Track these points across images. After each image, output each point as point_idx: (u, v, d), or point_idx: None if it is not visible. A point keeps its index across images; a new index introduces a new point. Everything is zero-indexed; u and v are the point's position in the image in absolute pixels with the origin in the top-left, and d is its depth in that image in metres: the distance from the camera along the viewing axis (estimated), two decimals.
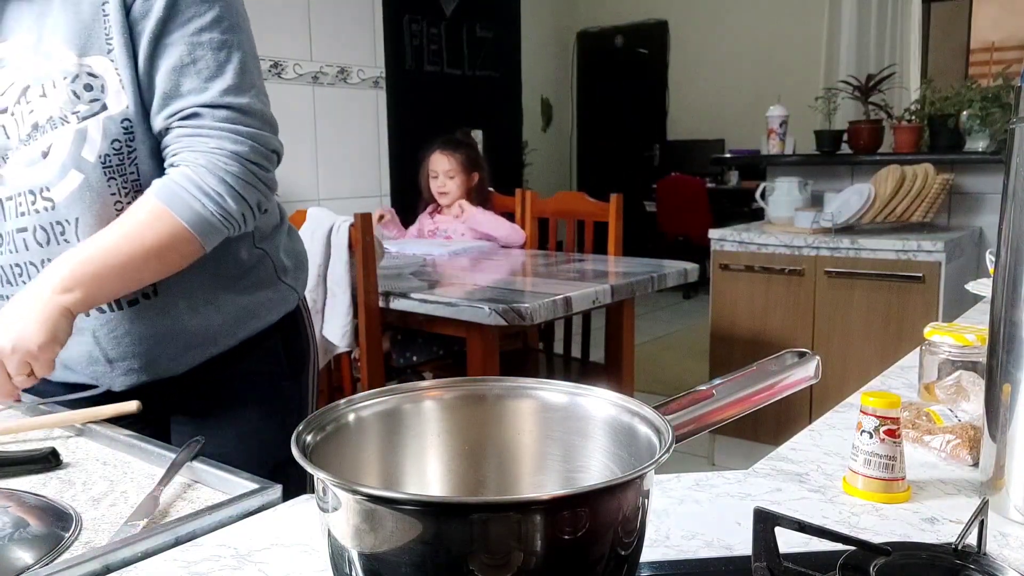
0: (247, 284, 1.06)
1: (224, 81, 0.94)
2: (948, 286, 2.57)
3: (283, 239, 1.13)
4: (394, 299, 2.12)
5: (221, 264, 1.02)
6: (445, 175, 3.04)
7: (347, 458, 0.57)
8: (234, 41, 0.95)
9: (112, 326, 0.99)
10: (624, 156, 7.51)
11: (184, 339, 1.02)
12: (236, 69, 0.94)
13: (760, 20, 6.61)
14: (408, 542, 0.45)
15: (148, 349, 1.01)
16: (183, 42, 0.92)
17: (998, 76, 3.06)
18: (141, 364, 1.01)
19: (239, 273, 1.05)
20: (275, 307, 1.10)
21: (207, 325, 1.03)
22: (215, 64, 0.93)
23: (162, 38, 0.92)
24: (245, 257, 1.05)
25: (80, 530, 0.69)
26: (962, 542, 0.56)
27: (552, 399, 0.62)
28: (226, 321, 1.04)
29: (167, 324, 1.00)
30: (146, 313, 0.99)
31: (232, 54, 0.94)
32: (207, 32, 0.93)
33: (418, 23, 4.18)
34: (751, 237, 2.90)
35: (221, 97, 0.93)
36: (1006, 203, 0.66)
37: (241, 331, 1.06)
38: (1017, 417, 0.67)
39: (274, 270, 1.09)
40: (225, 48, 0.94)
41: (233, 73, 0.94)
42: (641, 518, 0.50)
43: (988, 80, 3.43)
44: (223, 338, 1.05)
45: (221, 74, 0.94)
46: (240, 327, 1.06)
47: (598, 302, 2.15)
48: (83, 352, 1.00)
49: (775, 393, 0.66)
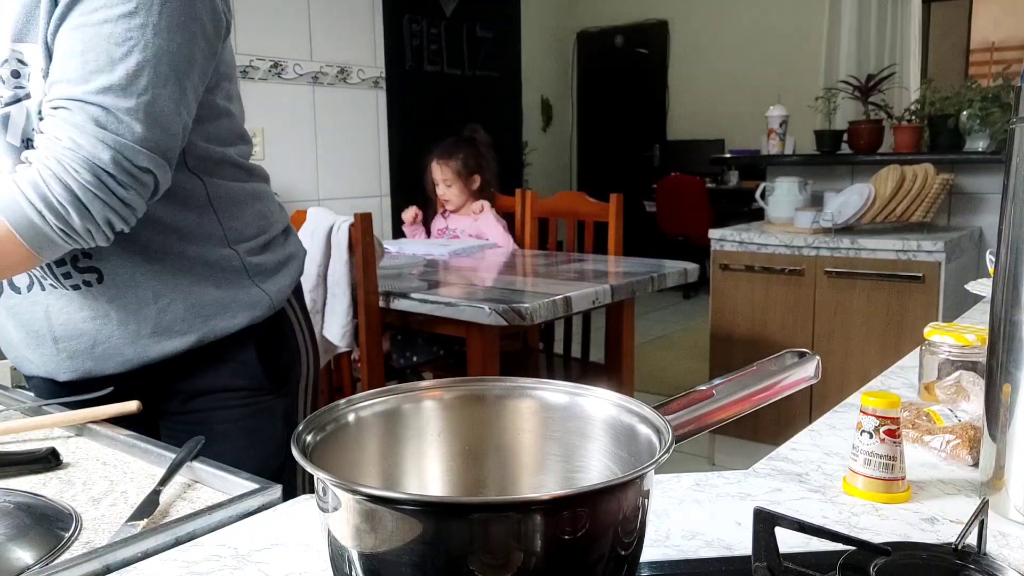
0: (211, 280, 1.01)
1: (109, 78, 0.84)
2: (948, 286, 2.57)
3: (269, 242, 1.09)
4: (394, 299, 2.12)
5: (180, 259, 0.99)
6: (444, 184, 3.04)
7: (347, 458, 0.57)
8: (142, 41, 0.84)
9: (65, 302, 0.97)
10: (624, 156, 7.51)
11: (136, 325, 0.98)
12: (129, 69, 0.84)
13: (760, 20, 6.61)
14: (408, 542, 0.45)
15: (97, 329, 0.98)
16: (81, 30, 0.84)
17: (998, 76, 3.07)
18: (87, 346, 0.99)
19: (204, 268, 1.01)
20: (243, 310, 1.04)
21: (161, 313, 0.99)
22: (106, 59, 0.84)
23: (64, 21, 0.85)
24: (213, 255, 1.01)
25: (80, 530, 0.69)
26: (962, 542, 0.56)
27: (552, 399, 0.62)
28: (180, 315, 1.00)
29: (119, 306, 0.97)
30: (95, 296, 0.97)
31: (132, 53, 0.84)
32: (111, 24, 0.84)
33: (418, 23, 4.18)
34: (751, 237, 2.90)
35: (98, 95, 0.83)
36: (1006, 203, 0.66)
37: (200, 326, 1.01)
38: (1017, 417, 0.67)
39: (245, 272, 1.04)
40: (126, 44, 0.84)
41: (124, 73, 0.84)
42: (641, 518, 0.50)
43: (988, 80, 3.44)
44: (180, 331, 1.00)
45: (109, 70, 0.84)
46: (199, 322, 1.01)
47: (598, 302, 2.15)
48: (32, 330, 1.00)
49: (775, 393, 0.66)
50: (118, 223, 0.88)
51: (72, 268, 0.96)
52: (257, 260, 1.06)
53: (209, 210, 1.01)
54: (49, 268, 0.96)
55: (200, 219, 1.01)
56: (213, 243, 1.02)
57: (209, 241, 1.01)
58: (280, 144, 3.44)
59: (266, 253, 1.08)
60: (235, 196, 1.04)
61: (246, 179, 1.07)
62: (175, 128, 0.89)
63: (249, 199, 1.07)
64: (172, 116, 0.88)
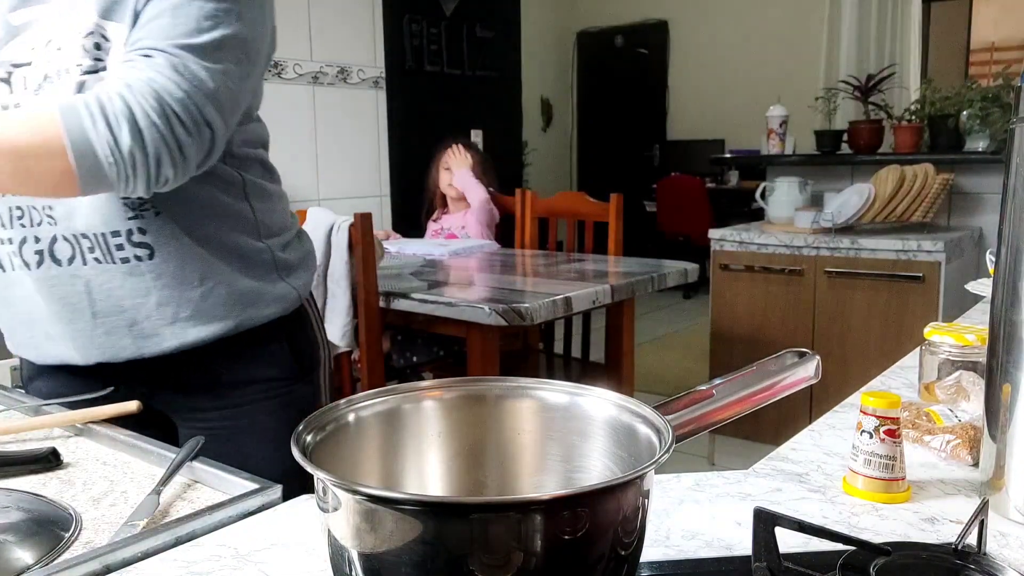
0: (247, 271, 1.05)
1: (193, 40, 0.87)
2: (948, 286, 2.57)
3: (291, 240, 1.13)
4: (394, 299, 2.12)
5: (222, 247, 1.02)
6: (455, 166, 3.06)
7: (347, 458, 0.57)
8: (226, 22, 0.89)
9: (107, 277, 0.97)
10: (624, 156, 7.51)
11: (176, 307, 0.99)
12: (213, 40, 0.88)
13: (760, 20, 6.61)
14: (408, 542, 0.45)
15: (137, 307, 0.98)
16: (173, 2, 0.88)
17: (998, 76, 3.07)
18: (126, 323, 0.99)
19: (240, 260, 1.04)
20: (273, 303, 1.08)
21: (204, 297, 1.00)
22: (194, 26, 0.87)
23: None
24: (248, 248, 1.05)
25: (80, 530, 0.69)
26: (962, 542, 0.56)
27: (552, 399, 0.62)
28: (221, 300, 1.02)
29: (164, 285, 0.98)
30: (142, 272, 0.98)
31: (216, 28, 0.88)
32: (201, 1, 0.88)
33: (418, 23, 4.18)
34: (751, 237, 2.90)
35: (180, 49, 0.86)
36: (1006, 203, 0.66)
37: (237, 314, 1.04)
38: (1017, 417, 0.67)
39: (274, 266, 1.09)
40: (212, 20, 0.88)
41: (207, 40, 0.88)
42: (641, 518, 0.50)
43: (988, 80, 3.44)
44: (219, 317, 1.02)
45: (195, 35, 0.87)
46: (237, 310, 1.03)
47: (598, 302, 2.15)
48: (70, 303, 0.98)
49: (775, 393, 0.66)
50: (167, 169, 0.86)
51: (127, 241, 0.96)
52: (284, 256, 1.10)
53: (246, 203, 1.05)
54: (103, 238, 0.95)
55: (239, 210, 1.04)
56: (248, 235, 1.05)
57: (245, 232, 1.04)
58: (280, 144, 3.42)
59: (289, 250, 1.12)
60: (266, 193, 1.09)
61: (271, 180, 1.12)
62: (240, 104, 0.94)
63: (276, 198, 1.12)
64: (239, 93, 0.92)
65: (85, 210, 0.93)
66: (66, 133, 0.81)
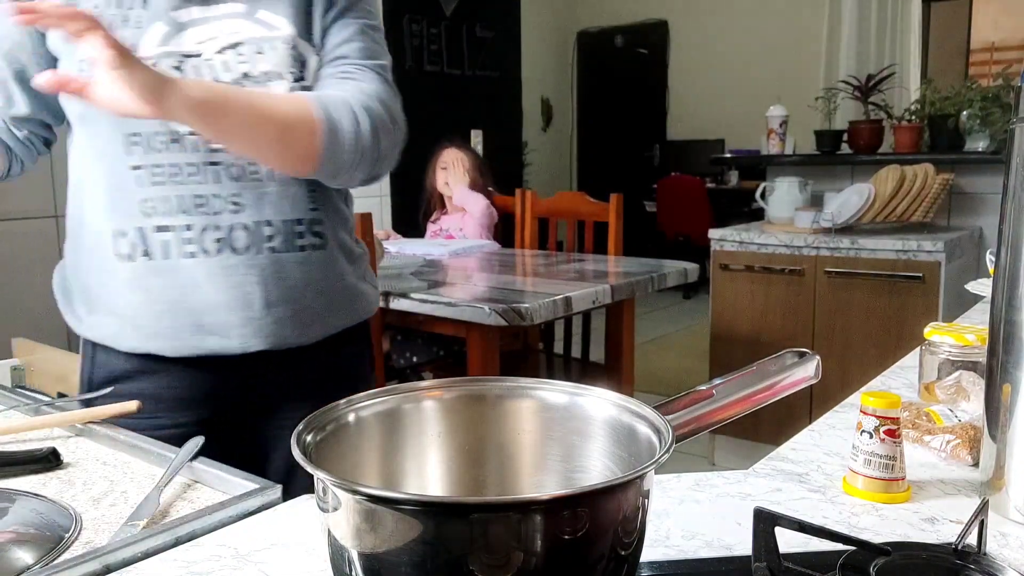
0: (355, 271, 1.13)
1: (382, 60, 1.07)
2: (948, 286, 2.57)
3: None
4: (394, 299, 2.12)
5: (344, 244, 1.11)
6: (452, 165, 3.06)
7: (347, 458, 0.57)
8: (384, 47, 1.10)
9: (277, 267, 1.02)
10: (624, 156, 7.51)
11: (327, 298, 1.07)
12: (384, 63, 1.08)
13: (760, 20, 6.61)
14: (408, 542, 0.45)
15: (297, 298, 1.04)
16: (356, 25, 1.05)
17: (998, 76, 3.06)
18: (290, 313, 1.04)
19: (348, 258, 1.12)
20: (367, 303, 1.16)
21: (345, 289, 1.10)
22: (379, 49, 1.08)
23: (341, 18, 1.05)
24: (353, 248, 1.13)
25: (80, 530, 0.69)
26: (962, 542, 0.56)
27: (552, 399, 0.62)
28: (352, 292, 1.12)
29: (323, 276, 1.06)
30: (313, 261, 1.05)
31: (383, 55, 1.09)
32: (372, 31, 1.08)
33: (418, 23, 4.18)
34: (751, 237, 2.90)
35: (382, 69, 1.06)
36: (1006, 203, 0.66)
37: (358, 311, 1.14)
38: (1017, 417, 0.67)
39: (365, 268, 1.17)
40: (382, 45, 1.09)
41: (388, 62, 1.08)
42: (641, 518, 0.50)
43: (988, 80, 3.44)
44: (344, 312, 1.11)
45: (382, 57, 1.08)
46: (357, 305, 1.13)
47: (598, 302, 2.15)
48: (243, 291, 1.00)
49: (775, 393, 0.66)
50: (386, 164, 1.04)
51: (308, 229, 1.04)
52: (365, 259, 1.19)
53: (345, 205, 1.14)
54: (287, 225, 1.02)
55: (344, 211, 1.13)
56: (351, 235, 1.15)
57: (349, 233, 1.14)
58: None
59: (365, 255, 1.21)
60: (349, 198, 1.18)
61: None
62: None
63: None
64: None
65: (274, 197, 1.01)
66: (324, 119, 0.96)
